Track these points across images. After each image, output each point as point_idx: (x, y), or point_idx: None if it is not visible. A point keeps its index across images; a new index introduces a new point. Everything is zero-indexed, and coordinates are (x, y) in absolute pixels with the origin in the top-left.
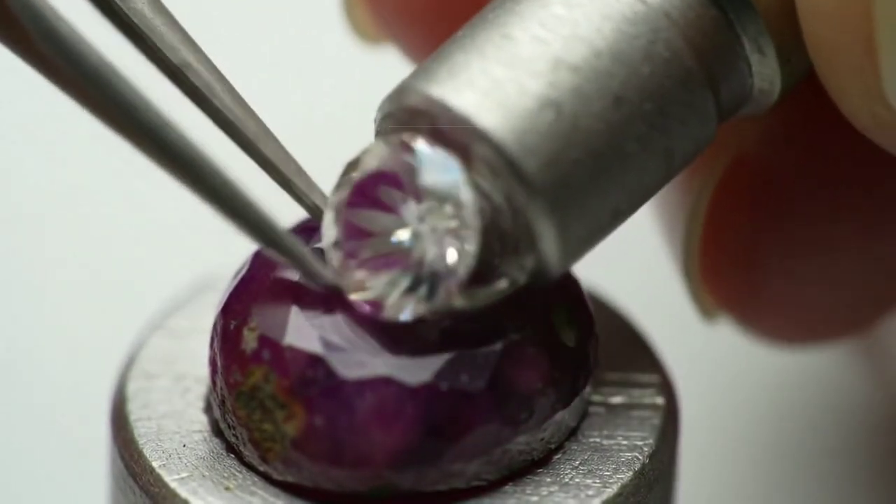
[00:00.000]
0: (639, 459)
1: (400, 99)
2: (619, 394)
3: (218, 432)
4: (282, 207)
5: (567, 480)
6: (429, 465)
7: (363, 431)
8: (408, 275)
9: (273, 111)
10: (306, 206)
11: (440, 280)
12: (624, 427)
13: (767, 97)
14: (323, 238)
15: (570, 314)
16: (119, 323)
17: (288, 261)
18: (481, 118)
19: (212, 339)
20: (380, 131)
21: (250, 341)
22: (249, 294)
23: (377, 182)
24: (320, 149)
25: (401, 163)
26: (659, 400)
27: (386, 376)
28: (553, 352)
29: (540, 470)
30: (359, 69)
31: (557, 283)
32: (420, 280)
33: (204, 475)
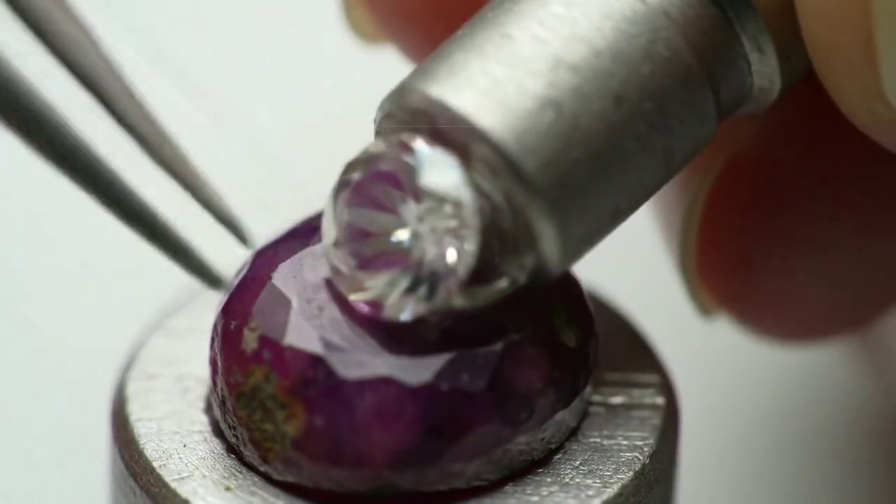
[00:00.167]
0: (639, 459)
1: (399, 99)
2: (620, 394)
3: (218, 432)
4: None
5: (567, 480)
6: (429, 465)
7: (363, 431)
8: (407, 275)
9: (272, 111)
10: (202, 202)
11: (440, 280)
12: (624, 427)
13: (767, 96)
14: (323, 238)
15: (571, 314)
16: (119, 323)
17: (175, 258)
18: (481, 118)
19: (212, 340)
20: (379, 131)
21: (251, 341)
22: (250, 294)
23: (377, 182)
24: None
25: (400, 163)
26: (659, 400)
27: (386, 376)
28: (553, 352)
29: (540, 470)
30: (358, 69)
31: (557, 284)
32: (420, 280)
33: (204, 475)
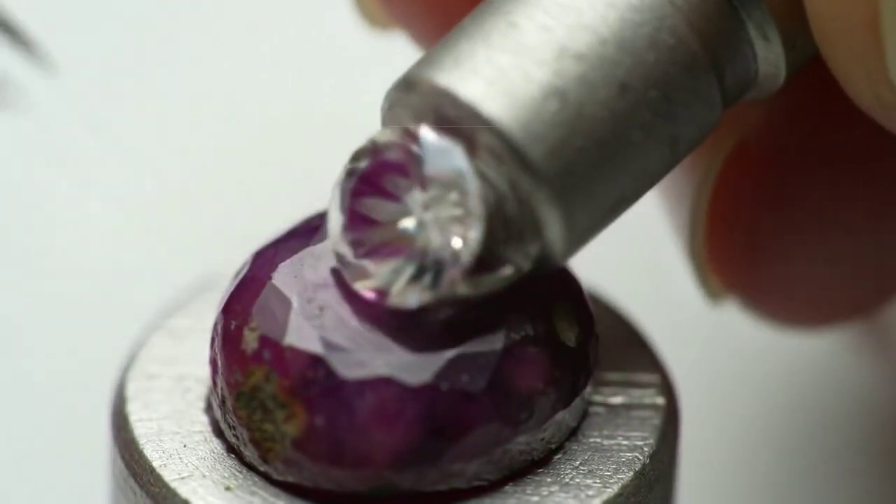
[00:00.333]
0: (639, 459)
1: (405, 88)
2: (620, 394)
3: (218, 432)
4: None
5: (567, 480)
6: (429, 465)
7: (364, 431)
8: (412, 262)
9: (280, 99)
10: None
11: (445, 268)
12: (624, 427)
13: (773, 82)
14: (329, 227)
15: (571, 314)
16: (119, 323)
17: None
18: (487, 106)
19: (212, 340)
20: (386, 120)
21: (251, 341)
22: (250, 294)
23: (383, 170)
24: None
25: (406, 151)
26: (659, 400)
27: (386, 376)
28: (554, 352)
29: (540, 470)
30: (368, 56)
31: (558, 283)
32: (425, 268)
33: (204, 475)
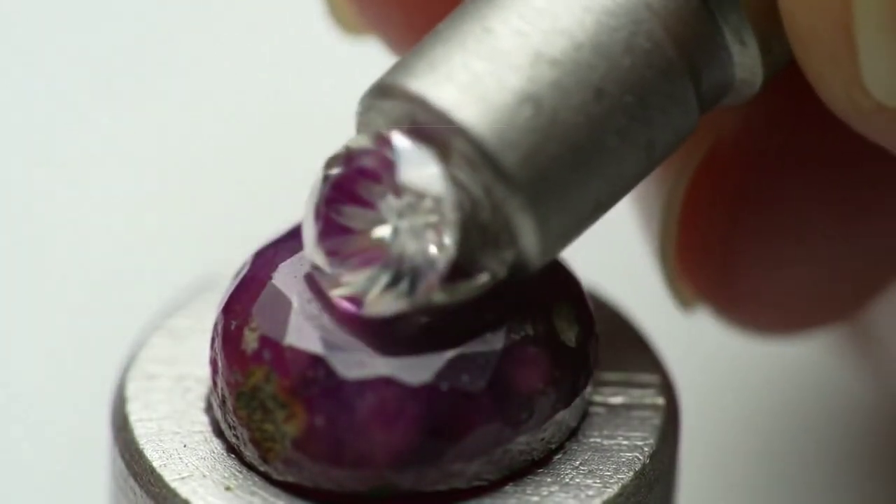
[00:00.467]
0: (639, 460)
1: (379, 93)
2: (620, 394)
3: (219, 432)
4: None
5: (567, 481)
6: (429, 465)
7: (364, 431)
8: (388, 270)
9: (281, 99)
10: None
11: (420, 275)
12: (624, 427)
13: (750, 87)
14: (303, 235)
15: (571, 314)
16: (119, 323)
17: None
18: (460, 113)
19: (212, 340)
20: (360, 125)
21: (251, 341)
22: (250, 294)
23: (357, 177)
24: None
25: (379, 157)
26: (659, 400)
27: (386, 376)
28: (554, 352)
29: (540, 470)
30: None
31: (558, 283)
32: (400, 275)
33: (204, 475)
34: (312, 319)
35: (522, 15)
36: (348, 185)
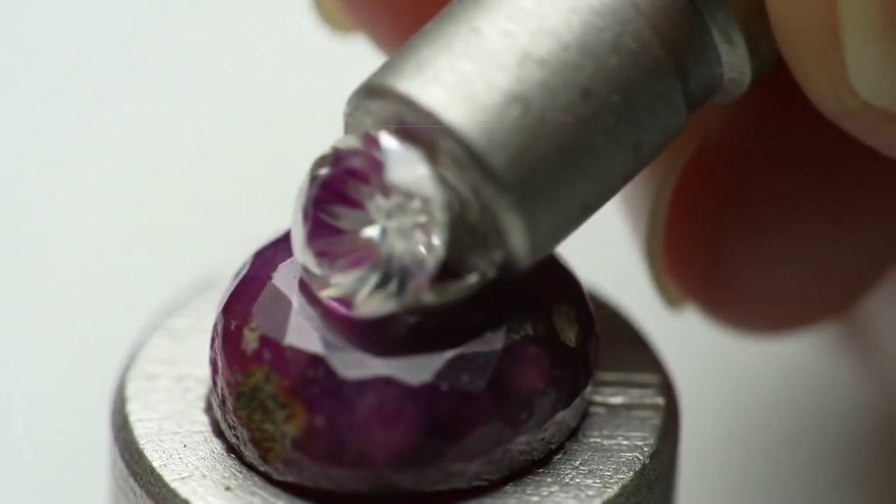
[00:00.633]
0: (639, 459)
1: (367, 94)
2: (620, 394)
3: (218, 432)
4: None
5: (568, 481)
6: (429, 466)
7: (364, 431)
8: (377, 271)
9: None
10: None
11: (409, 275)
12: (624, 427)
13: (738, 87)
14: (292, 237)
15: (572, 314)
16: (119, 323)
17: None
18: (447, 113)
19: (212, 340)
20: (349, 126)
21: (251, 341)
22: (250, 294)
23: (345, 178)
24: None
25: (367, 158)
26: (659, 400)
27: (386, 376)
28: (554, 352)
29: (540, 470)
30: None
31: (558, 283)
32: (389, 276)
33: (204, 475)
34: (312, 319)
35: (510, 15)
36: (337, 186)
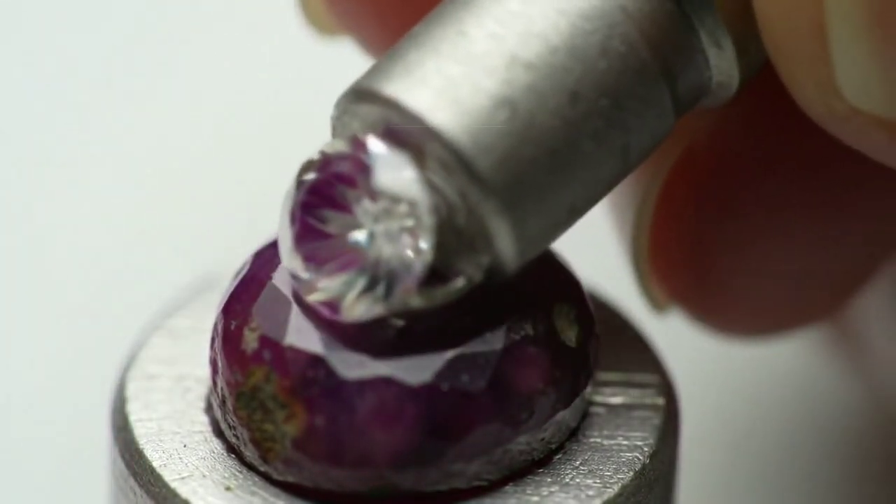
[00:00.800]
0: (639, 460)
1: (354, 98)
2: (620, 394)
3: (218, 433)
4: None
5: (568, 481)
6: (429, 466)
7: (364, 431)
8: (364, 275)
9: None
10: None
11: (397, 279)
12: (624, 427)
13: (726, 90)
14: (279, 241)
15: (571, 314)
16: (119, 323)
17: None
18: (435, 117)
19: (212, 340)
20: (336, 129)
21: (251, 341)
22: (250, 294)
23: (333, 182)
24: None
25: (355, 162)
26: (659, 400)
27: (386, 376)
28: (554, 352)
29: (540, 470)
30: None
31: (558, 283)
32: (377, 280)
33: (204, 475)
34: (313, 319)
35: (497, 18)
36: (324, 190)
